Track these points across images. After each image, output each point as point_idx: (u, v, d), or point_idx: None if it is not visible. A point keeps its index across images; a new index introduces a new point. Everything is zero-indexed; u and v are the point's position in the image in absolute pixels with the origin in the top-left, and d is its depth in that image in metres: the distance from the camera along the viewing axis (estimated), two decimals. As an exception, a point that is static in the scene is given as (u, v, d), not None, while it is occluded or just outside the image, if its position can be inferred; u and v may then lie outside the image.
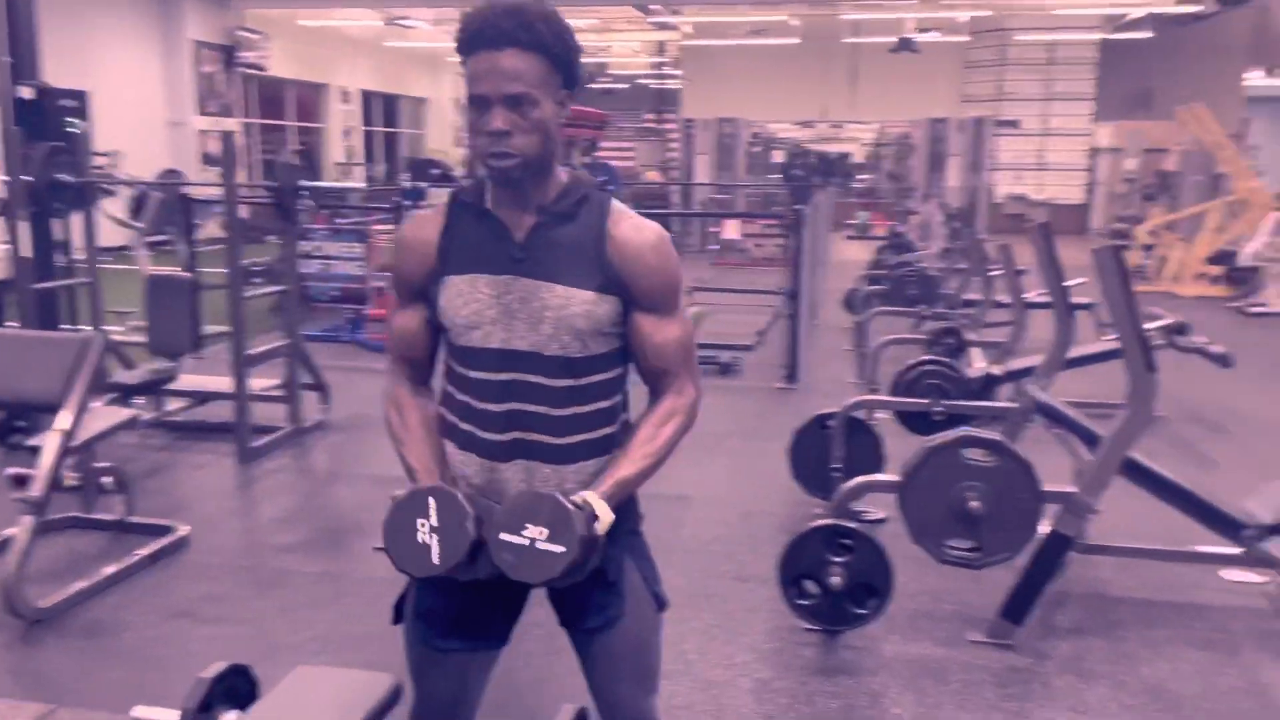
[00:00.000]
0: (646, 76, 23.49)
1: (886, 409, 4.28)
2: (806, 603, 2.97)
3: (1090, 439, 3.24)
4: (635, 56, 22.87)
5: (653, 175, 16.72)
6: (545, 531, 1.38)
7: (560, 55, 1.44)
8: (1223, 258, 10.30)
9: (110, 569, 3.34)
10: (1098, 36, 16.83)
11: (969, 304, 7.23)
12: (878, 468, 3.95)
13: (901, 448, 4.17)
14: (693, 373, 1.60)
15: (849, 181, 15.65)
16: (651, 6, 15.90)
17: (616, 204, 1.56)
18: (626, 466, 1.52)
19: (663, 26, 18.74)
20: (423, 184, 3.44)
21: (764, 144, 17.86)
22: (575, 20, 17.20)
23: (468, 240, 1.54)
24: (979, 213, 15.57)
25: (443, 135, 22.65)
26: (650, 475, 1.55)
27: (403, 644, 1.67)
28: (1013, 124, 16.30)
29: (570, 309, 1.49)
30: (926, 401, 4.10)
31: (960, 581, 3.40)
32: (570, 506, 1.40)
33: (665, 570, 1.71)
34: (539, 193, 1.51)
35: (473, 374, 1.54)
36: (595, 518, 1.44)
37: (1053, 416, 3.35)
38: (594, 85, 20.51)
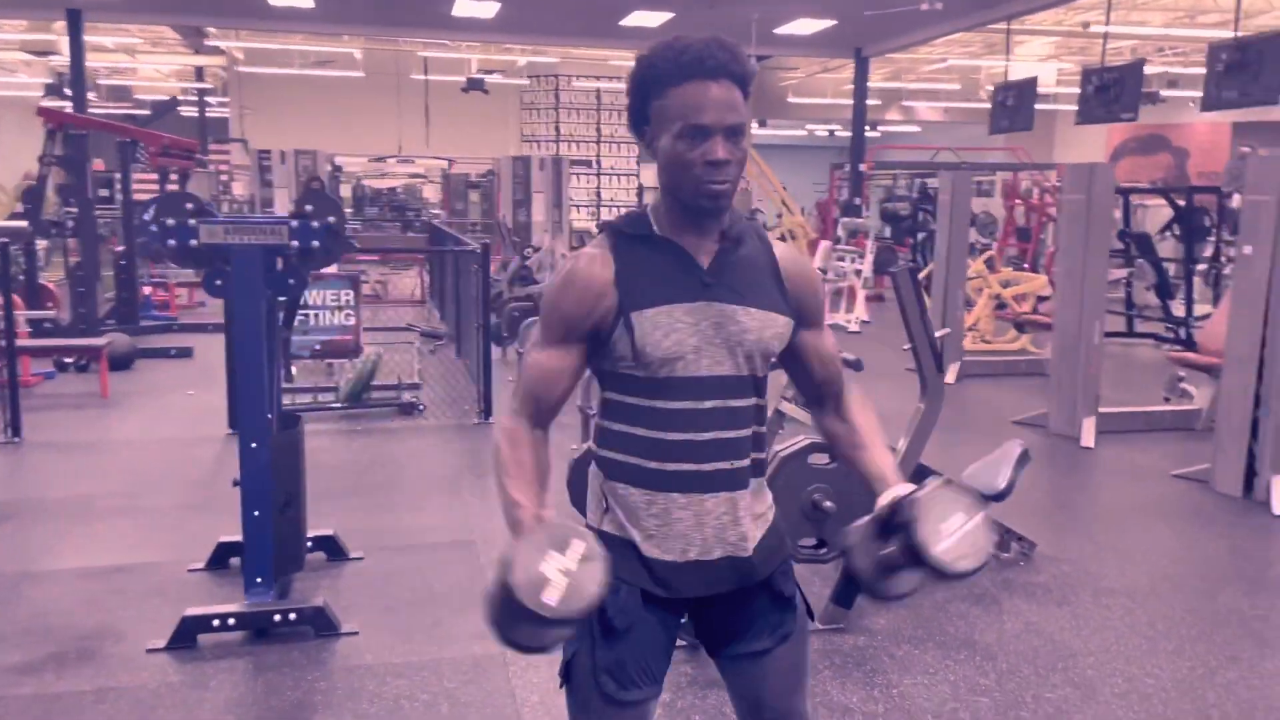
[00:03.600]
0: (182, 103, 21.52)
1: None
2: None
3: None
4: (165, 80, 20.87)
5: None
6: (964, 516, 1.37)
7: (750, 89, 1.48)
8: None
9: None
10: (637, 86, 18.68)
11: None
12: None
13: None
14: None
15: (415, 216, 15.72)
16: (207, 30, 14.70)
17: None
18: (885, 454, 1.58)
19: (204, 51, 17.38)
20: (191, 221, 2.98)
21: (332, 179, 17.29)
22: (101, 39, 15.06)
23: (649, 272, 1.50)
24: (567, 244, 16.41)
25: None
26: None
27: (570, 703, 1.56)
28: (587, 164, 17.47)
29: (768, 331, 1.52)
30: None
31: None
32: (951, 484, 1.41)
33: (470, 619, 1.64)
34: (720, 220, 1.52)
35: (674, 405, 1.49)
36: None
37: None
38: (114, 109, 18.26)
